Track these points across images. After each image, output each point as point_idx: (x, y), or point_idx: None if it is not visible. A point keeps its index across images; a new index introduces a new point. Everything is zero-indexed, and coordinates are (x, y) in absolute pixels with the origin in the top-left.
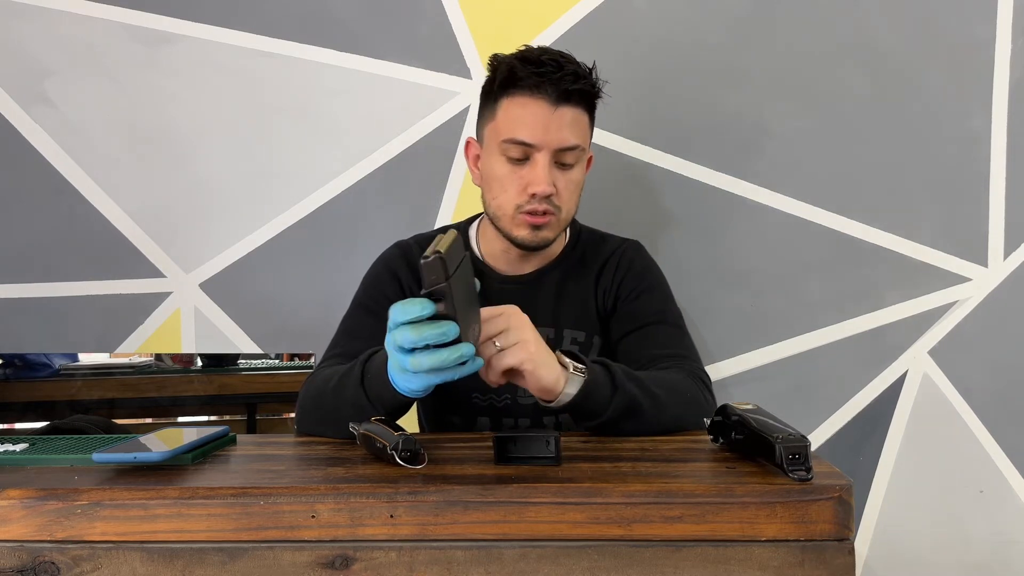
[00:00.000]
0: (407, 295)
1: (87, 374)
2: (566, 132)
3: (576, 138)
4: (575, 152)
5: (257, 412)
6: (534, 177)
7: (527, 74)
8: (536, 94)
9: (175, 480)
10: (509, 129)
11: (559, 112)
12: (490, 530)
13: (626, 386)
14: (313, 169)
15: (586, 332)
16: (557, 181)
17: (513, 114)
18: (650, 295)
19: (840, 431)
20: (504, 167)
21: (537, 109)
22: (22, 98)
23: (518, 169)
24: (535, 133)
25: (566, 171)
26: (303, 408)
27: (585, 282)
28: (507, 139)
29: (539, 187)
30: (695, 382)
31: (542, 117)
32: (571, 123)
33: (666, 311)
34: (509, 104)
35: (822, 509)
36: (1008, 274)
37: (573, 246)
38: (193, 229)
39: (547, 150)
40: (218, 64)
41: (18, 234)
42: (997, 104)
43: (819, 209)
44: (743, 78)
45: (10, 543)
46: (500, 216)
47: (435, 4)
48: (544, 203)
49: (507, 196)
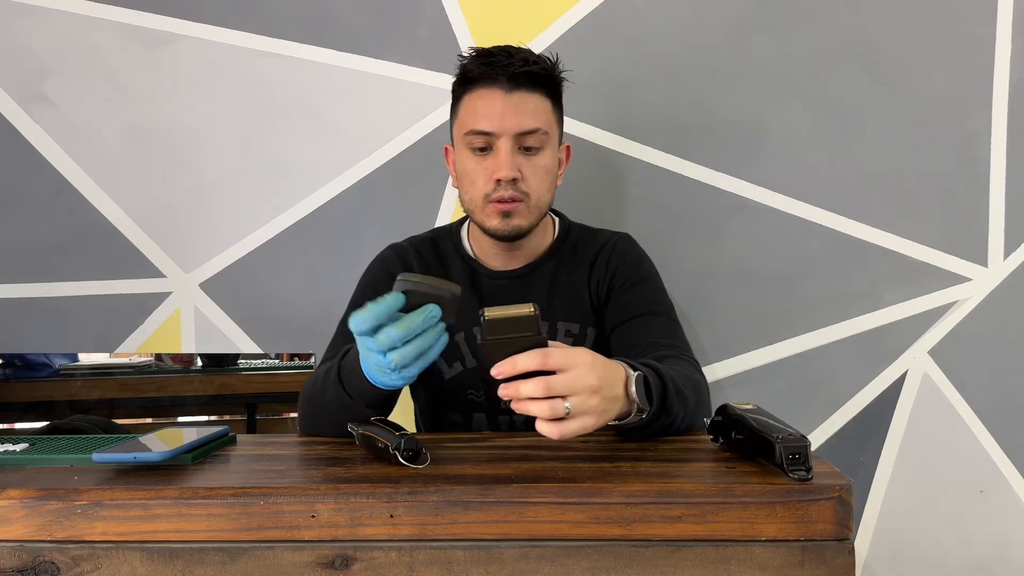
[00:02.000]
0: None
1: (87, 374)
2: (524, 117)
3: (536, 122)
4: (537, 135)
5: (257, 412)
6: (497, 164)
7: (477, 66)
8: (489, 84)
9: (175, 480)
10: (469, 122)
11: (514, 97)
12: (490, 530)
13: (674, 408)
14: (313, 169)
15: (580, 324)
16: (522, 167)
17: (471, 107)
18: (643, 286)
19: (840, 431)
20: (471, 160)
21: (492, 97)
22: (22, 98)
23: (483, 160)
24: (492, 121)
25: (531, 156)
26: (300, 410)
27: (578, 275)
28: (468, 131)
29: (502, 172)
30: (704, 380)
31: (498, 104)
32: (529, 107)
33: (658, 302)
34: (468, 99)
35: (822, 509)
36: (1008, 274)
37: (563, 240)
38: (193, 229)
39: (507, 136)
40: (218, 64)
41: (18, 234)
42: (997, 104)
43: (819, 209)
44: (743, 78)
45: (10, 543)
46: (474, 210)
47: (435, 4)
48: (510, 188)
49: (476, 188)
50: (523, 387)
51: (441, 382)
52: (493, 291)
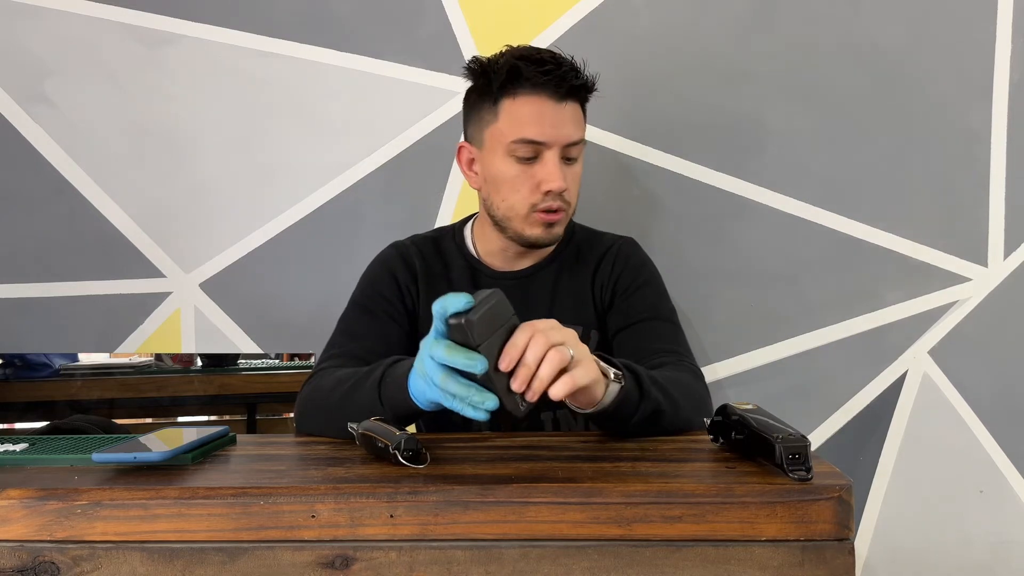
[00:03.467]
0: (404, 295)
1: (87, 374)
2: (572, 128)
3: (580, 132)
4: (579, 146)
5: (257, 412)
6: (547, 174)
7: (531, 73)
8: (541, 92)
9: (175, 480)
10: (517, 129)
11: (565, 108)
12: (490, 530)
13: (652, 393)
14: (313, 169)
15: (583, 326)
16: (565, 176)
17: (519, 114)
18: (645, 291)
19: (840, 431)
20: (513, 167)
21: (544, 107)
22: (22, 98)
23: (528, 168)
24: (544, 131)
25: (571, 165)
26: (305, 408)
27: (582, 278)
28: (516, 139)
29: (555, 183)
30: (700, 383)
31: (550, 114)
32: (577, 117)
33: (661, 307)
34: (513, 104)
35: (822, 509)
36: (1008, 274)
37: (567, 242)
38: (193, 229)
39: (557, 147)
40: (218, 64)
41: (18, 234)
42: (997, 104)
43: (819, 209)
44: (743, 78)
45: (10, 543)
46: (512, 217)
47: (435, 4)
48: (558, 200)
49: (519, 196)
50: (529, 354)
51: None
52: None
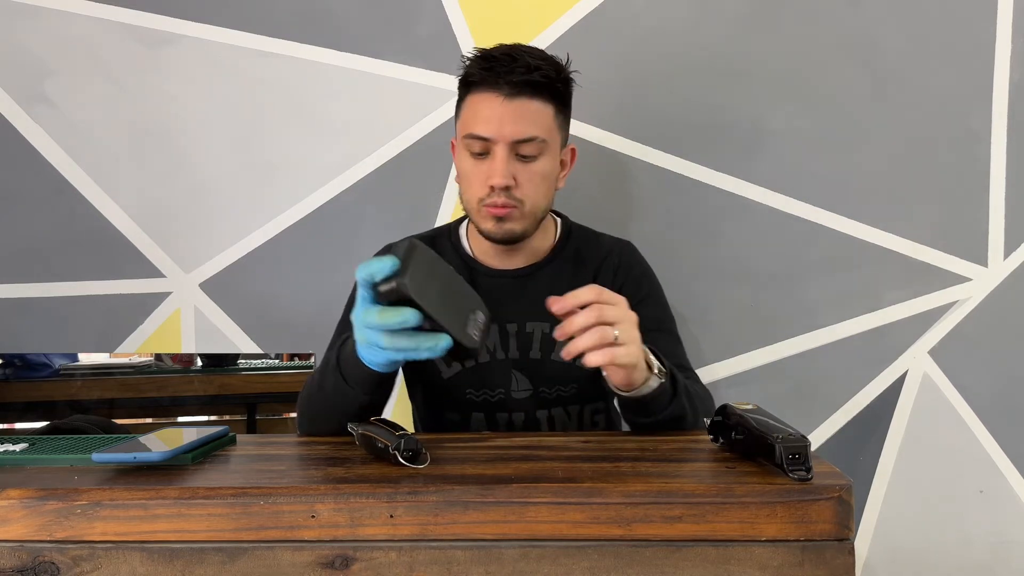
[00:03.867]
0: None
1: (87, 374)
2: (522, 124)
3: (535, 129)
4: (534, 143)
5: (257, 412)
6: (491, 170)
7: (478, 70)
8: (490, 89)
9: (175, 480)
10: (468, 125)
11: (514, 104)
12: (490, 530)
13: (681, 398)
14: (313, 169)
15: None
16: (518, 174)
17: (472, 110)
18: (650, 302)
19: (840, 431)
20: (468, 162)
21: (491, 103)
22: (22, 98)
23: (480, 163)
24: (489, 127)
25: (528, 163)
26: (299, 409)
27: (581, 279)
28: (467, 134)
29: (495, 179)
30: (711, 400)
31: (497, 110)
32: (528, 115)
33: (664, 319)
34: (469, 101)
35: (822, 509)
36: (1008, 274)
37: (564, 243)
38: (193, 229)
39: (503, 143)
40: (218, 64)
41: (18, 234)
42: (997, 104)
43: (819, 209)
44: (743, 78)
45: (10, 543)
46: (470, 210)
47: (435, 4)
48: (503, 196)
49: (472, 190)
50: (578, 319)
51: (439, 382)
52: (492, 289)
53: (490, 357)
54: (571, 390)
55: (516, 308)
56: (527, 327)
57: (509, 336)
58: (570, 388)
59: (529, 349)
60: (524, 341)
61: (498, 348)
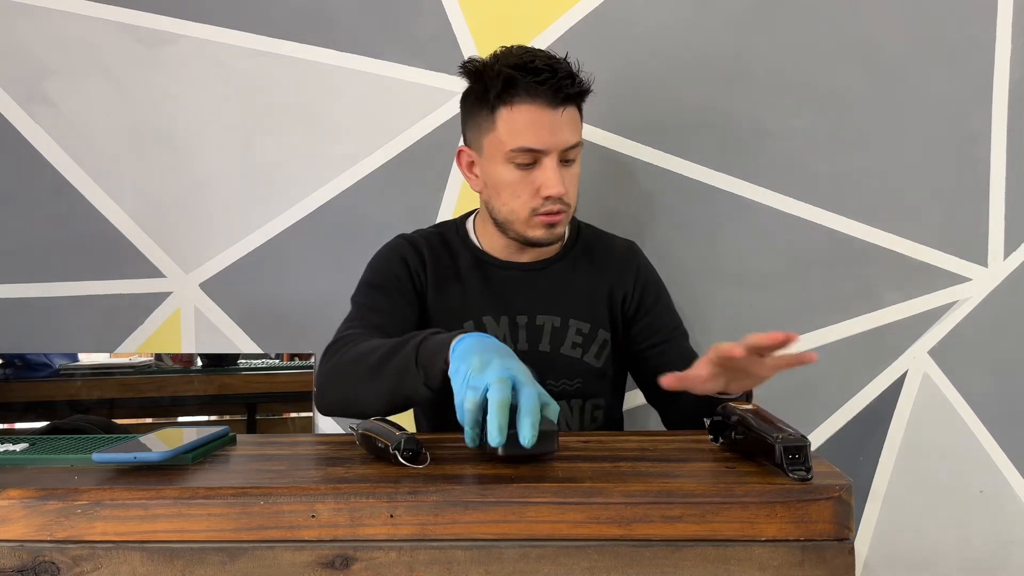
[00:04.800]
0: (414, 277)
1: (87, 374)
2: (569, 133)
3: (577, 135)
4: (577, 149)
5: (257, 412)
6: (546, 180)
7: (527, 83)
8: (537, 101)
9: (175, 480)
10: (515, 139)
11: (561, 115)
12: (490, 530)
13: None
14: (313, 169)
15: (591, 324)
16: (564, 179)
17: (517, 123)
18: (665, 305)
19: (840, 431)
20: (513, 174)
21: (541, 116)
22: (22, 98)
23: (527, 174)
24: (542, 139)
25: (569, 167)
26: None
27: (595, 277)
28: (515, 148)
29: (554, 189)
30: None
31: (547, 123)
32: (573, 123)
33: (679, 322)
34: (510, 114)
35: (822, 509)
36: (1008, 274)
37: (575, 239)
38: (193, 229)
39: (555, 152)
40: (218, 64)
41: (18, 234)
42: (997, 104)
43: (819, 209)
44: (743, 78)
45: (10, 543)
46: (513, 220)
47: (435, 4)
48: (558, 203)
49: (520, 201)
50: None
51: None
52: (504, 281)
53: None
54: (576, 384)
55: (527, 300)
56: (537, 320)
57: (519, 328)
58: (575, 382)
59: (539, 341)
60: (534, 333)
61: (507, 339)
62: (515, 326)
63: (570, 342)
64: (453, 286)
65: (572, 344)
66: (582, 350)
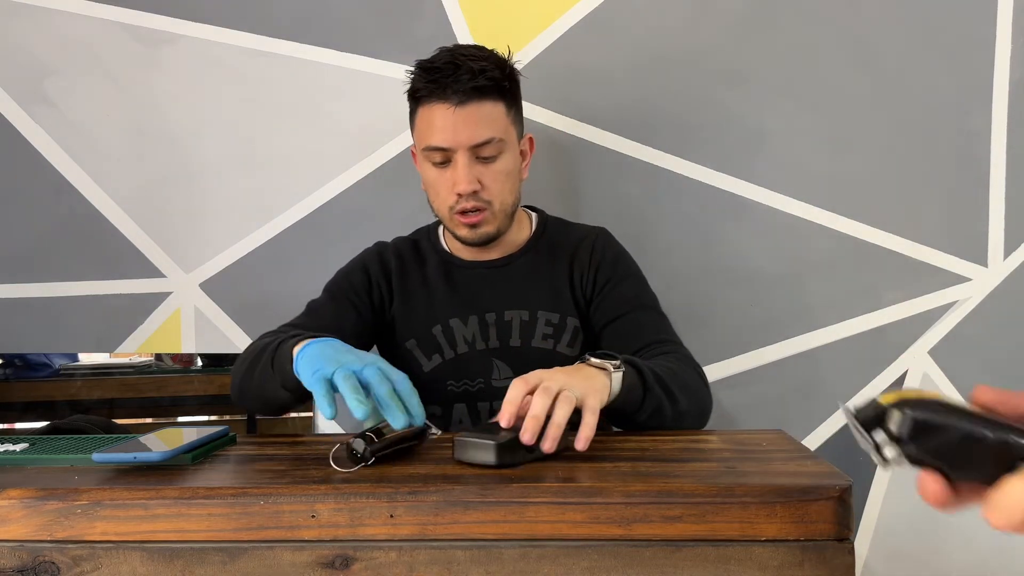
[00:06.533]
0: (372, 288)
1: (87, 374)
2: (477, 128)
3: (490, 131)
4: (492, 144)
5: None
6: (456, 177)
7: (423, 84)
8: (437, 100)
9: (175, 480)
10: (424, 137)
11: (464, 111)
12: (490, 530)
13: (655, 389)
14: (313, 169)
15: (559, 314)
16: (482, 176)
17: (424, 122)
18: (627, 282)
19: (840, 431)
20: (432, 172)
21: (442, 113)
22: (22, 98)
23: (444, 172)
24: (445, 137)
25: (489, 163)
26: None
27: (557, 267)
28: (425, 147)
29: (460, 186)
30: (697, 375)
31: (449, 120)
32: (481, 118)
33: (644, 296)
34: (421, 113)
35: (822, 509)
36: (1008, 274)
37: (540, 235)
38: (193, 229)
39: (462, 150)
40: (218, 64)
41: (18, 234)
42: (997, 104)
43: (819, 209)
44: (743, 78)
45: (10, 543)
46: (442, 218)
47: (434, 4)
48: (471, 200)
49: (440, 199)
50: (534, 408)
51: (420, 375)
52: (469, 280)
53: (468, 348)
54: None
55: (494, 297)
56: (505, 315)
57: (488, 326)
58: None
59: (509, 337)
60: (503, 329)
61: (477, 338)
62: (484, 324)
63: (540, 334)
64: (419, 293)
65: (543, 336)
66: (554, 340)
